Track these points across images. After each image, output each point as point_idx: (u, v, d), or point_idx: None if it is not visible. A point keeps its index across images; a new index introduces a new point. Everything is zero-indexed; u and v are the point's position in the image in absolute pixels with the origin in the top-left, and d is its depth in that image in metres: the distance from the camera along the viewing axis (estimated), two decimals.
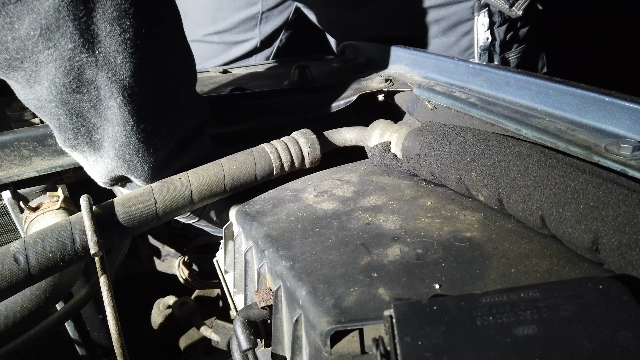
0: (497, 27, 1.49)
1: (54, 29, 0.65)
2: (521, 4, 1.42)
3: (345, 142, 1.01)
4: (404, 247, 0.64)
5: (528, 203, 0.63)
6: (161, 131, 0.83)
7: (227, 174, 0.85)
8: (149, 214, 0.78)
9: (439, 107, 0.96)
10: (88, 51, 0.68)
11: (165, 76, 0.80)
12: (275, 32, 1.89)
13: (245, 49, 1.89)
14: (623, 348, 0.39)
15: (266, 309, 0.67)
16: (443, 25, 1.50)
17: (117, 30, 0.68)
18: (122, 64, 0.71)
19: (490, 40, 1.49)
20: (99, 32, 0.68)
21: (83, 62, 0.69)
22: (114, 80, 0.72)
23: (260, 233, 0.73)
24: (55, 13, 0.64)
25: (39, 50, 0.67)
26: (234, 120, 1.04)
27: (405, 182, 0.84)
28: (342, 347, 0.54)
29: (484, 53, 1.51)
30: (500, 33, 1.50)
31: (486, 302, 0.45)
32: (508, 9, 1.42)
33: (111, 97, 0.74)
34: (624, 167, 0.62)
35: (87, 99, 0.73)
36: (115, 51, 0.70)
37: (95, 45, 0.68)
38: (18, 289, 0.70)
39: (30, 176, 0.91)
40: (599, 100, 0.74)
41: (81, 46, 0.68)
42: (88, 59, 0.69)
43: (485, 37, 1.49)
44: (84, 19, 0.66)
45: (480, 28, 1.48)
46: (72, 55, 0.68)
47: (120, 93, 0.73)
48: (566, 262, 0.59)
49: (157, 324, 1.33)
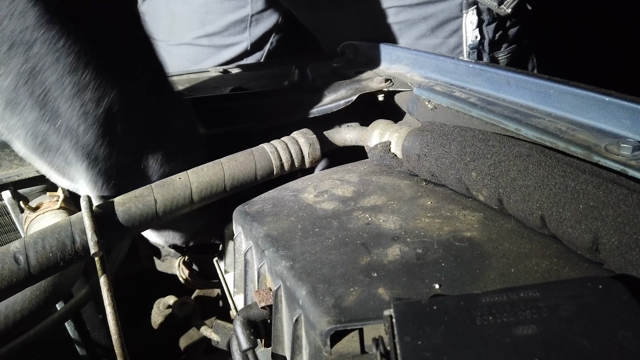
0: (485, 25, 1.46)
1: (16, 103, 0.70)
2: (510, 2, 1.39)
3: (345, 142, 1.01)
4: (404, 247, 0.64)
5: (528, 203, 0.63)
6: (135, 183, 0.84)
7: (227, 173, 0.85)
8: (149, 213, 0.78)
9: (439, 107, 0.96)
10: (49, 122, 0.72)
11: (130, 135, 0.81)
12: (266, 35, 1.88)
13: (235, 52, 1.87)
14: (623, 348, 0.39)
15: (266, 309, 0.67)
16: (431, 23, 1.47)
17: (78, 104, 0.72)
18: (84, 134, 0.75)
19: (479, 39, 1.46)
20: (59, 106, 0.71)
21: (46, 131, 0.73)
22: (78, 147, 0.76)
23: (260, 233, 0.73)
24: (14, 92, 0.69)
25: (9, 117, 0.72)
26: (233, 120, 1.04)
27: (405, 182, 0.84)
28: (342, 347, 0.54)
29: (473, 52, 1.48)
30: (489, 32, 1.47)
31: (486, 302, 0.45)
32: (497, 6, 1.40)
33: (77, 161, 0.78)
34: (624, 167, 0.62)
35: (56, 162, 0.79)
36: (77, 122, 0.73)
37: (57, 118, 0.72)
38: (18, 289, 0.70)
39: (30, 176, 0.91)
40: (599, 100, 0.74)
41: (42, 118, 0.72)
42: (50, 129, 0.73)
43: (474, 35, 1.46)
44: (41, 96, 0.70)
45: (468, 26, 1.45)
46: (35, 125, 0.72)
47: (85, 157, 0.77)
48: (566, 262, 0.59)
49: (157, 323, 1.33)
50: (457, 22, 1.46)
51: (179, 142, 0.92)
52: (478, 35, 1.46)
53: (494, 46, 1.51)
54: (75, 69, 0.69)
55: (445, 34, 1.48)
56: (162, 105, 0.87)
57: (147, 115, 0.84)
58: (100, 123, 0.75)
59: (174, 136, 0.90)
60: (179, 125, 0.92)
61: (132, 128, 0.81)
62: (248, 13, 1.79)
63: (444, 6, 1.45)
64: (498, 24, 1.47)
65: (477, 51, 1.49)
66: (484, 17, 1.45)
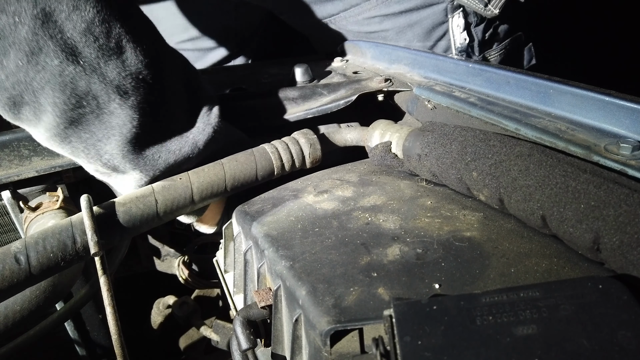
0: (474, 27, 1.43)
1: (37, 51, 0.70)
2: (497, 2, 1.35)
3: (346, 142, 1.01)
4: (404, 246, 0.64)
5: (529, 203, 0.63)
6: (166, 119, 0.85)
7: (228, 174, 0.85)
8: (150, 214, 0.78)
9: (438, 106, 0.96)
10: (73, 63, 0.73)
11: (152, 66, 0.82)
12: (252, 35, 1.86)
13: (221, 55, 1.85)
14: (623, 348, 0.39)
15: (266, 309, 0.67)
16: (417, 30, 1.44)
17: (91, 39, 0.73)
18: (105, 67, 0.76)
19: (467, 42, 1.43)
20: (76, 44, 0.73)
21: (73, 75, 0.74)
22: (106, 83, 0.76)
23: (260, 233, 0.73)
24: (34, 36, 0.69)
25: (32, 78, 0.72)
26: (233, 120, 1.04)
27: (405, 182, 0.84)
28: (342, 347, 0.54)
29: (462, 55, 1.46)
30: (478, 33, 1.44)
31: (486, 301, 0.45)
32: (483, 8, 1.36)
33: (109, 100, 0.78)
34: (624, 167, 0.62)
35: (89, 111, 0.78)
36: (96, 57, 0.75)
37: (77, 57, 0.73)
38: (19, 289, 0.70)
39: (29, 176, 0.91)
40: (598, 100, 0.74)
41: (66, 60, 0.72)
42: (75, 70, 0.74)
43: (463, 38, 1.42)
44: (58, 35, 0.71)
45: (455, 30, 1.42)
46: (60, 71, 0.73)
47: (116, 93, 0.77)
48: (566, 261, 0.59)
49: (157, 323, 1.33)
50: (444, 26, 1.43)
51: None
52: (467, 37, 1.42)
53: (485, 46, 1.48)
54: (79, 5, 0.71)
55: (433, 40, 1.45)
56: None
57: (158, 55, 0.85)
58: (117, 54, 0.76)
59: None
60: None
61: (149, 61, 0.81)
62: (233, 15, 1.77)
63: (429, 12, 1.41)
64: (487, 24, 1.44)
65: (465, 54, 1.46)
66: (471, 19, 1.42)
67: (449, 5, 1.39)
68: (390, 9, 1.43)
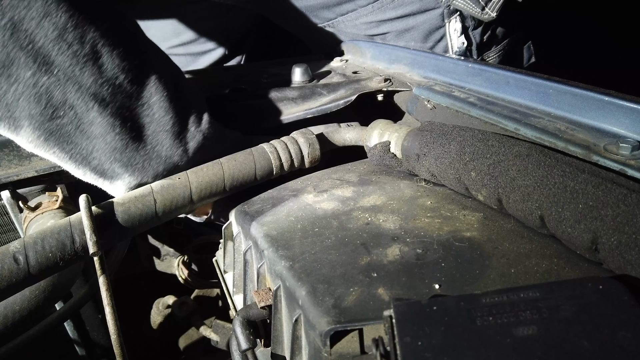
0: (471, 30, 1.42)
1: (8, 63, 0.69)
2: (494, 5, 1.33)
3: (344, 142, 1.01)
4: (404, 247, 0.64)
5: (527, 203, 0.63)
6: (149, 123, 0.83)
7: (226, 173, 0.85)
8: (149, 214, 0.78)
9: (438, 106, 0.96)
10: (47, 73, 0.71)
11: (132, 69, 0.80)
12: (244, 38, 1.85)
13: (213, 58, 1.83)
14: (623, 348, 0.39)
15: (265, 309, 0.67)
16: (414, 35, 1.44)
17: (64, 46, 0.71)
18: (81, 75, 0.73)
19: (466, 45, 1.42)
20: (49, 53, 0.71)
21: (47, 85, 0.72)
22: (82, 91, 0.74)
23: (259, 233, 0.73)
24: (4, 48, 0.68)
25: (5, 90, 0.70)
26: (233, 120, 1.04)
27: (405, 182, 0.84)
28: (342, 347, 0.54)
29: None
30: (476, 36, 1.43)
31: (486, 302, 0.45)
32: (480, 12, 1.34)
33: (88, 109, 0.76)
34: (623, 167, 0.62)
35: (67, 122, 0.75)
36: (71, 65, 0.72)
37: (51, 66, 0.71)
38: (18, 289, 0.70)
39: (29, 176, 0.90)
40: (598, 100, 0.74)
41: (39, 70, 0.71)
42: (49, 80, 0.72)
43: (461, 42, 1.42)
44: (29, 45, 0.69)
45: (453, 34, 1.41)
46: (34, 81, 0.71)
47: (94, 100, 0.75)
48: (566, 262, 0.59)
49: (156, 323, 1.33)
50: (441, 31, 1.43)
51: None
52: (465, 41, 1.42)
53: (484, 48, 1.47)
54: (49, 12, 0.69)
55: (431, 44, 1.45)
56: None
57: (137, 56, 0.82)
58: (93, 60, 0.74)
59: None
60: None
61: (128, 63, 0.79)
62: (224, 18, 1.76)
63: (425, 17, 1.41)
64: (485, 27, 1.43)
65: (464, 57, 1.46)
66: (468, 23, 1.41)
67: (445, 10, 1.38)
68: (387, 14, 1.42)
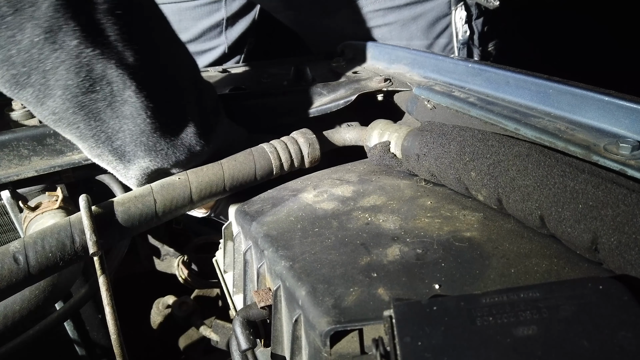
0: (474, 19, 1.45)
1: (57, 29, 0.66)
2: None
3: (344, 142, 1.01)
4: (404, 247, 0.64)
5: (527, 203, 0.63)
6: (180, 110, 0.84)
7: (226, 173, 0.85)
8: (149, 213, 0.78)
9: (438, 106, 0.96)
10: (93, 44, 0.70)
11: (166, 56, 0.81)
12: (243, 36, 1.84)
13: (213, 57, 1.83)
14: (623, 348, 0.39)
15: (265, 309, 0.67)
16: (421, 23, 1.46)
17: (113, 19, 0.70)
18: (124, 50, 0.73)
19: (468, 34, 1.46)
20: (99, 24, 0.70)
21: (90, 57, 0.70)
22: (123, 68, 0.73)
23: (259, 233, 0.73)
24: (55, 14, 0.65)
25: (45, 57, 0.68)
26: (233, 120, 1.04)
27: (405, 182, 0.84)
28: (342, 347, 0.54)
29: (463, 47, 1.47)
30: (478, 25, 1.46)
31: (486, 302, 0.45)
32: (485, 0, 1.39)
33: (125, 88, 0.75)
34: (623, 167, 0.62)
35: (101, 98, 0.74)
36: (117, 39, 0.72)
37: (97, 37, 0.70)
38: (17, 289, 0.70)
39: (29, 176, 0.90)
40: (598, 100, 0.74)
41: (85, 41, 0.69)
42: (94, 52, 0.70)
43: (464, 30, 1.45)
44: (82, 15, 0.67)
45: (458, 22, 1.44)
46: (78, 52, 0.69)
47: (132, 79, 0.75)
48: (566, 262, 0.59)
49: (156, 323, 1.33)
50: (447, 19, 1.45)
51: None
52: (468, 30, 1.45)
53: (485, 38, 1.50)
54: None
55: (435, 34, 1.48)
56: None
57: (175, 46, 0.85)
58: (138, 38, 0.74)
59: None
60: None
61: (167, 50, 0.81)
62: (223, 16, 1.74)
63: (433, 4, 1.44)
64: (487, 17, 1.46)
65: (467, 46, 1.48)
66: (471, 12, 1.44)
67: None
68: (395, 1, 1.44)
